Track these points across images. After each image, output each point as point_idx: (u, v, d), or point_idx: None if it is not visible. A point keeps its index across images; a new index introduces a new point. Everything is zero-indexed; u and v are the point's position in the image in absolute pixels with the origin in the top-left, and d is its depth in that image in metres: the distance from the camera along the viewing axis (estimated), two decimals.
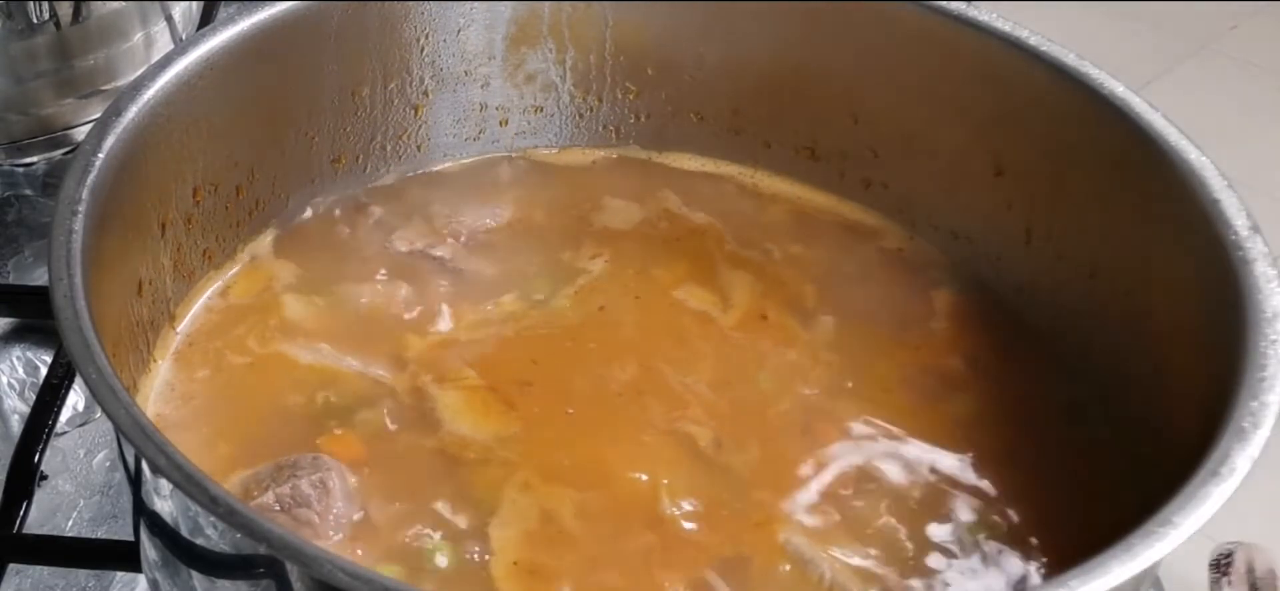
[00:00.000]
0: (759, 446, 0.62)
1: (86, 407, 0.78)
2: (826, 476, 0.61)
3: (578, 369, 0.65)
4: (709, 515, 0.59)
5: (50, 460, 0.73)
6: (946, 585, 0.57)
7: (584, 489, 0.59)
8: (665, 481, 0.60)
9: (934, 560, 0.58)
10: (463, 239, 0.71)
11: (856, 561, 0.58)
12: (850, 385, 0.65)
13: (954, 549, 0.59)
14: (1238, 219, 0.58)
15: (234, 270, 0.68)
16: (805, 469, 0.61)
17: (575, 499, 0.59)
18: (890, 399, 0.65)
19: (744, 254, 0.72)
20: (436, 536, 0.57)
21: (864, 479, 0.61)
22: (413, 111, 0.73)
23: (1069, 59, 0.66)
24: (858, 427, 0.63)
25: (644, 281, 0.70)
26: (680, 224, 0.73)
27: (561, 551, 0.57)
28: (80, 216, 0.55)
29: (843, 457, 0.62)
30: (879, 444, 0.63)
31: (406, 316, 0.67)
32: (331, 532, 0.56)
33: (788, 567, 0.57)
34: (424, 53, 0.72)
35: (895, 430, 0.63)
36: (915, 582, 0.57)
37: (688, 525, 0.58)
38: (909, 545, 0.58)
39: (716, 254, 0.72)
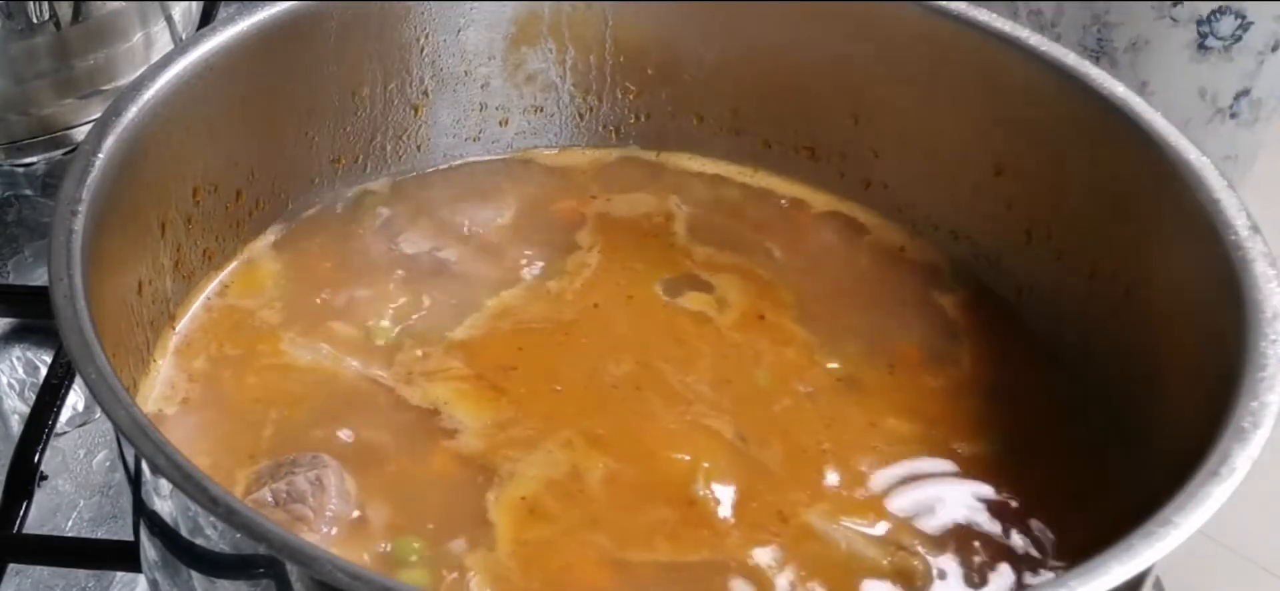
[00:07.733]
0: (780, 441, 0.62)
1: (86, 407, 0.78)
2: (830, 475, 0.61)
3: (581, 365, 0.65)
4: (740, 504, 0.59)
5: (50, 460, 0.73)
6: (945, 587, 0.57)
7: (623, 460, 0.60)
8: (706, 465, 0.60)
9: (933, 561, 0.58)
10: (463, 239, 0.71)
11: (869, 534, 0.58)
12: (850, 383, 0.65)
13: (953, 549, 0.59)
14: (1238, 219, 0.58)
15: (234, 270, 0.68)
16: (812, 466, 0.61)
17: (610, 466, 0.60)
18: (889, 397, 0.65)
19: (743, 254, 0.72)
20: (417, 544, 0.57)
21: (863, 479, 0.61)
22: (413, 111, 0.73)
23: (1069, 59, 0.66)
24: (857, 426, 0.63)
25: (644, 280, 0.70)
26: (681, 224, 0.73)
27: (573, 505, 0.58)
28: (80, 216, 0.55)
29: (843, 457, 0.62)
30: (878, 443, 0.63)
31: (405, 316, 0.67)
32: (326, 529, 0.56)
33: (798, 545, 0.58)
34: (424, 53, 0.72)
35: (894, 429, 0.63)
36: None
37: (722, 512, 0.59)
38: (909, 546, 0.58)
39: (716, 255, 0.72)
